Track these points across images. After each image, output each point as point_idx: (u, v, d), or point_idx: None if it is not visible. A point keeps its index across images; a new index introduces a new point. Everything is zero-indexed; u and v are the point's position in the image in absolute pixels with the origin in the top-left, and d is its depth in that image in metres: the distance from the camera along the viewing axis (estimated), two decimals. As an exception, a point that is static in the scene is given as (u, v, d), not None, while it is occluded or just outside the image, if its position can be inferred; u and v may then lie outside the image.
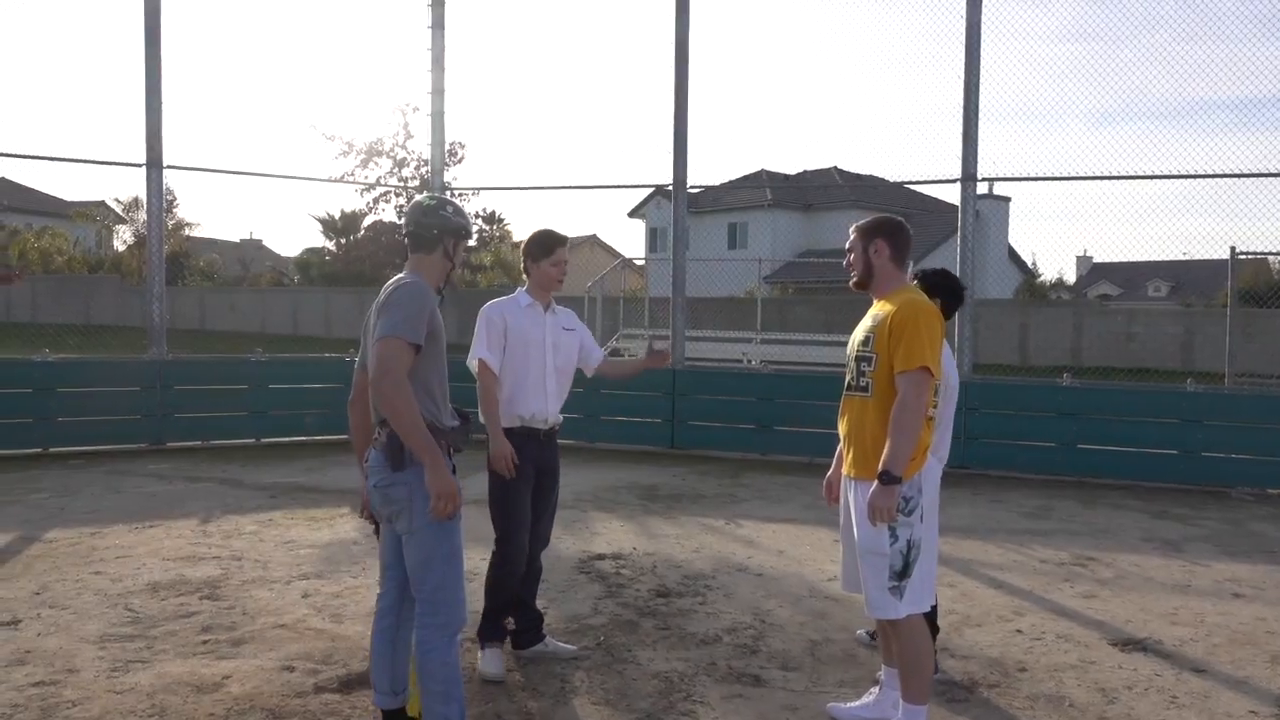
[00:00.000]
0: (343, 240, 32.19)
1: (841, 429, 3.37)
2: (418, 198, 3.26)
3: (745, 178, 30.04)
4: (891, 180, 10.89)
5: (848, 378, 3.32)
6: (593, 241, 38.10)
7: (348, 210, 30.04)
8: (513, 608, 4.07)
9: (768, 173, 32.83)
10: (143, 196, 10.33)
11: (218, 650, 4.18)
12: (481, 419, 3.86)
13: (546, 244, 4.01)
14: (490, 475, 3.93)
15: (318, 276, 34.04)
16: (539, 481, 4.03)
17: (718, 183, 11.25)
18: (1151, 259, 33.42)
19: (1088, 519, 7.25)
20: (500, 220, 30.02)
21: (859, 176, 31.70)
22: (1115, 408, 9.19)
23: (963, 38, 9.42)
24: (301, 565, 5.56)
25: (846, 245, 3.41)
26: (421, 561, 2.98)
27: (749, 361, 14.13)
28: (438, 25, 10.77)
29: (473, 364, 3.94)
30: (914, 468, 3.05)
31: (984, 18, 9.42)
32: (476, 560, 5.21)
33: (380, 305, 2.98)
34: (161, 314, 9.69)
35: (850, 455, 3.27)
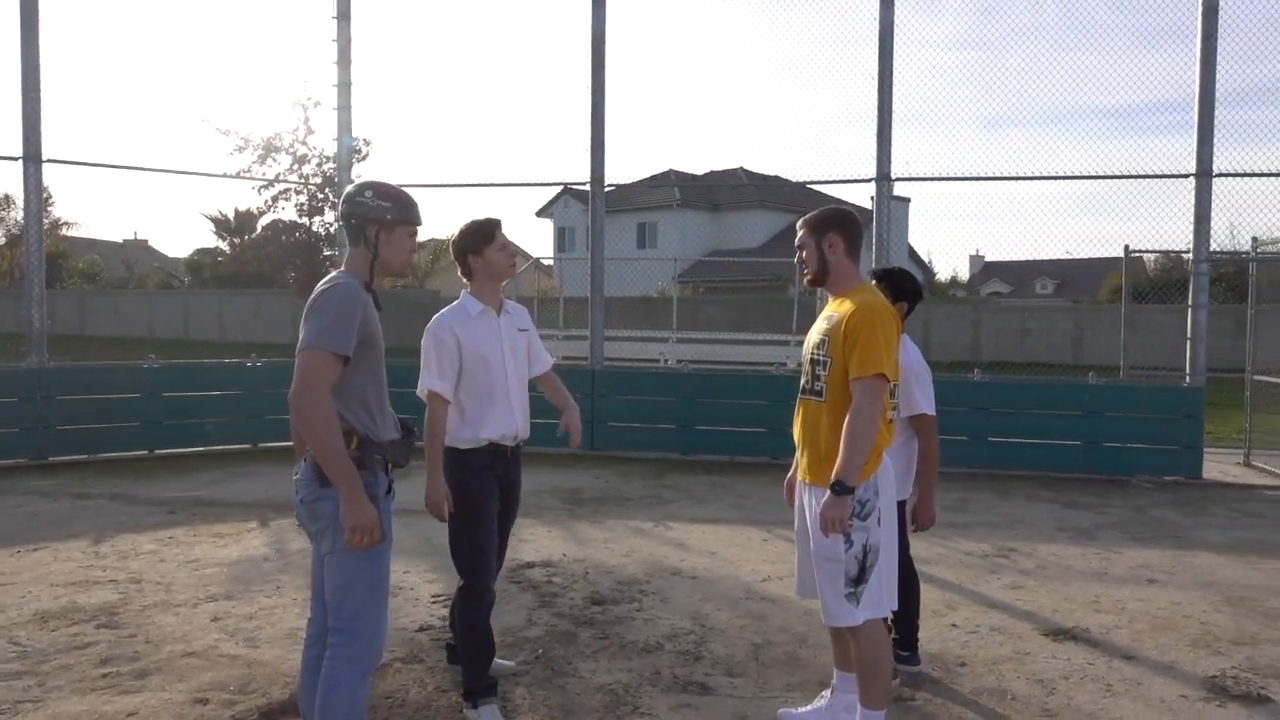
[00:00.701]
0: (237, 240, 30.85)
1: (796, 433, 3.29)
2: (348, 189, 2.94)
3: (655, 177, 30.09)
4: (806, 181, 10.96)
5: (803, 380, 3.24)
6: (500, 241, 37.54)
7: (242, 209, 28.80)
8: (492, 649, 3.63)
9: (676, 173, 33.03)
10: (15, 192, 9.59)
11: (120, 684, 3.83)
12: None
13: (486, 230, 3.60)
14: (457, 497, 3.48)
15: (210, 278, 32.59)
16: (502, 499, 3.66)
17: (629, 181, 11.14)
18: (1038, 258, 34.95)
19: (1004, 510, 7.43)
20: (406, 220, 29.10)
21: (765, 177, 32.19)
22: (1024, 401, 9.47)
23: (867, 43, 9.59)
24: (209, 586, 5.20)
25: (796, 241, 3.28)
26: (342, 585, 2.74)
27: (666, 361, 14.10)
28: (343, 16, 10.34)
29: (423, 394, 3.52)
30: (870, 469, 2.99)
31: (855, 32, 9.70)
32: (426, 597, 4.97)
33: (306, 310, 2.73)
34: (42, 319, 9.01)
35: (805, 460, 3.19)
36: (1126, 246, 10.52)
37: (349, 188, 2.90)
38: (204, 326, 31.42)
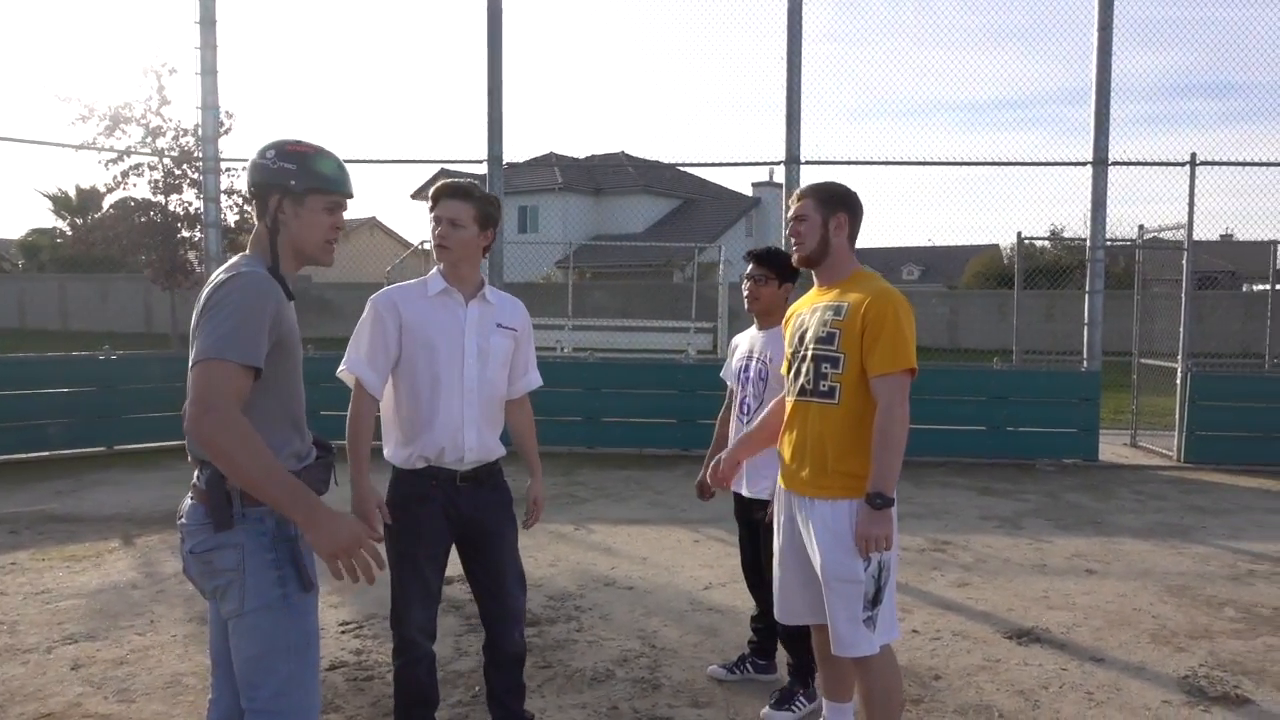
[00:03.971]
0: (79, 220, 28.30)
1: (787, 440, 2.87)
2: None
3: (536, 160, 29.35)
4: (711, 163, 10.67)
5: (800, 380, 2.81)
6: (372, 224, 35.99)
7: (86, 185, 26.39)
8: (427, 704, 3.04)
9: (557, 155, 32.32)
10: None
11: (-44, 762, 3.10)
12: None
13: (434, 197, 2.91)
14: (386, 530, 2.85)
15: (49, 261, 29.84)
16: (468, 538, 2.94)
17: (511, 163, 10.56)
18: (904, 245, 36.19)
19: (924, 500, 7.31)
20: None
21: (647, 162, 31.92)
22: (931, 388, 9.45)
23: (757, 30, 9.43)
24: (65, 624, 4.41)
25: (794, 211, 2.84)
26: (256, 656, 2.10)
27: (562, 349, 13.57)
28: (207, -28, 9.30)
29: (343, 375, 2.88)
30: None
31: (747, 18, 9.69)
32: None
33: (200, 307, 2.09)
34: None
35: (804, 470, 2.78)
36: (1019, 233, 10.68)
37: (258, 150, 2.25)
38: (42, 314, 28.75)
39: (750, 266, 3.67)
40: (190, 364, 2.01)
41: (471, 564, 3.01)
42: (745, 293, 3.68)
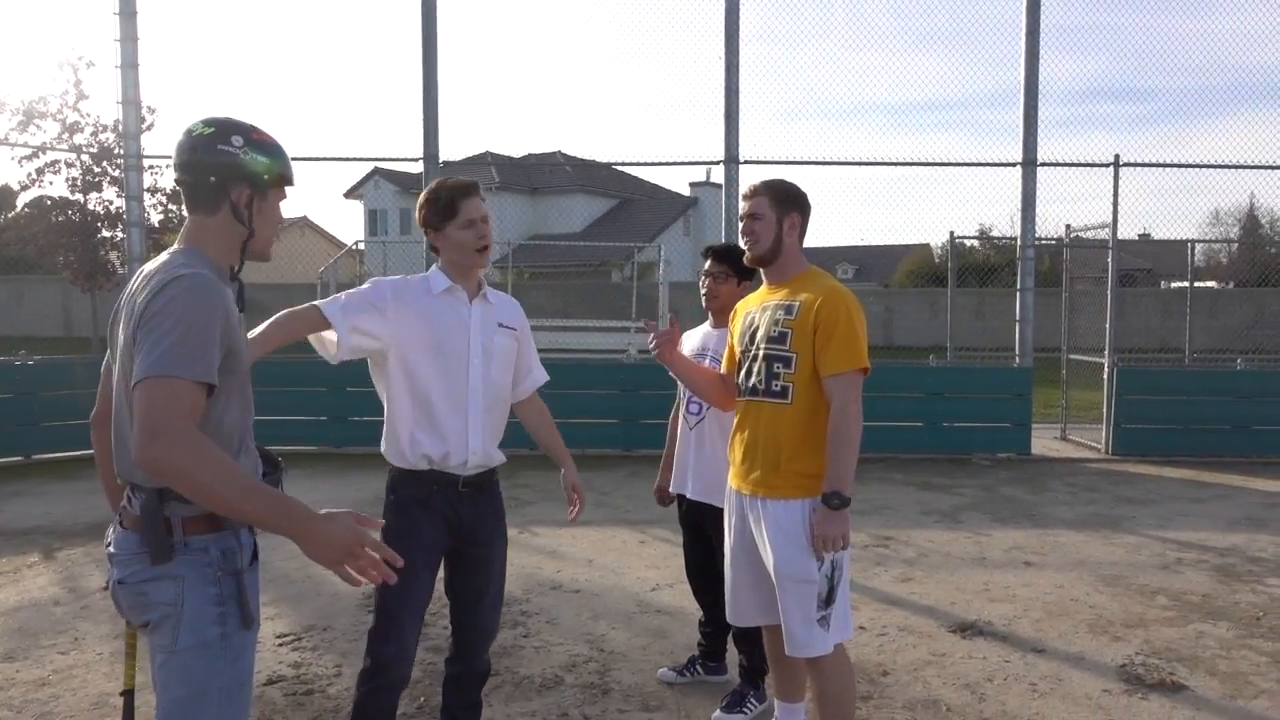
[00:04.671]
0: (-9, 220, 27.04)
1: (738, 440, 2.85)
2: (189, 125, 2.01)
3: (472, 159, 29.03)
4: (650, 162, 10.66)
5: (751, 380, 2.79)
6: (304, 224, 35.19)
7: (-1, 183, 25.26)
8: None
9: (493, 154, 32.01)
10: None
11: None
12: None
13: (446, 200, 2.72)
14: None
15: (-41, 263, 28.46)
16: (461, 552, 2.78)
17: (446, 162, 10.37)
18: (839, 244, 36.69)
19: (866, 496, 7.38)
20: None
21: (584, 161, 31.83)
22: (873, 385, 9.52)
23: (693, 29, 9.45)
24: (-19, 644, 4.18)
25: (747, 209, 2.80)
26: (182, 699, 1.88)
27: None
28: (125, -42, 8.96)
29: (305, 310, 2.64)
30: None
31: (685, 19, 9.76)
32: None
33: (138, 316, 1.83)
34: None
35: (755, 471, 2.76)
36: (951, 232, 10.91)
37: (196, 128, 1.98)
38: (-49, 318, 27.39)
39: (709, 263, 3.60)
40: (131, 383, 1.77)
41: (455, 576, 2.83)
42: (703, 290, 3.62)
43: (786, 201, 2.77)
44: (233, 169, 1.95)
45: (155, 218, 15.74)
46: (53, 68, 17.67)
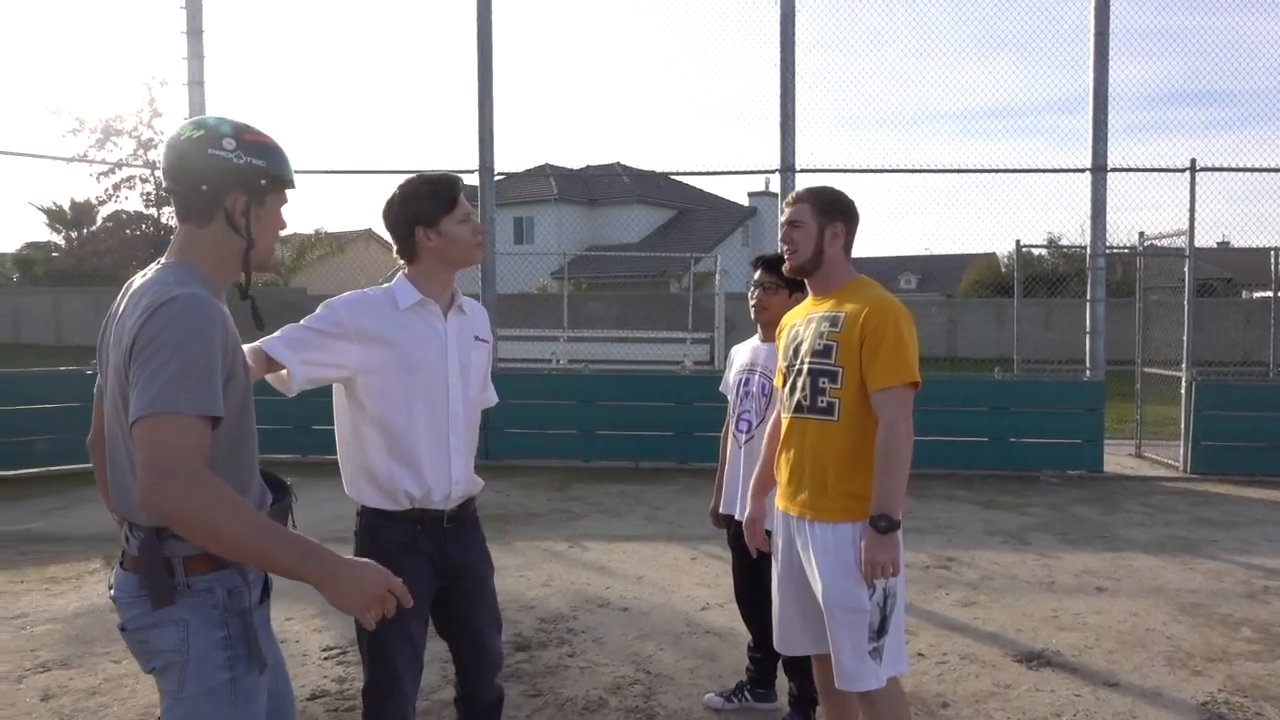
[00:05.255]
0: (74, 234, 28.17)
1: (783, 459, 2.72)
2: (177, 128, 1.86)
3: (531, 171, 29.27)
4: (707, 171, 10.58)
5: (796, 396, 2.66)
6: (368, 236, 35.86)
7: (79, 198, 26.28)
8: None
9: (552, 166, 32.23)
10: None
11: (-89, 805, 2.93)
12: None
13: (443, 192, 2.44)
14: None
15: (43, 275, 29.69)
16: (450, 588, 2.53)
17: (505, 174, 10.33)
18: (901, 254, 36.01)
19: (928, 514, 7.15)
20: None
21: (642, 172, 31.83)
22: (932, 398, 9.27)
23: (751, 40, 9.33)
24: (38, 651, 4.24)
25: (788, 216, 2.68)
26: None
27: (557, 360, 13.43)
28: (193, -23, 9.20)
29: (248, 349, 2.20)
30: None
31: (741, 28, 9.57)
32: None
33: (130, 344, 1.68)
34: None
35: (804, 492, 2.62)
36: (1018, 241, 10.57)
37: (185, 131, 1.81)
38: (37, 329, 28.53)
39: (759, 273, 3.47)
40: (129, 420, 1.62)
41: (449, 612, 2.59)
42: (752, 301, 3.50)
43: (830, 209, 2.64)
44: (226, 175, 1.79)
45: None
46: (129, 87, 18.31)
